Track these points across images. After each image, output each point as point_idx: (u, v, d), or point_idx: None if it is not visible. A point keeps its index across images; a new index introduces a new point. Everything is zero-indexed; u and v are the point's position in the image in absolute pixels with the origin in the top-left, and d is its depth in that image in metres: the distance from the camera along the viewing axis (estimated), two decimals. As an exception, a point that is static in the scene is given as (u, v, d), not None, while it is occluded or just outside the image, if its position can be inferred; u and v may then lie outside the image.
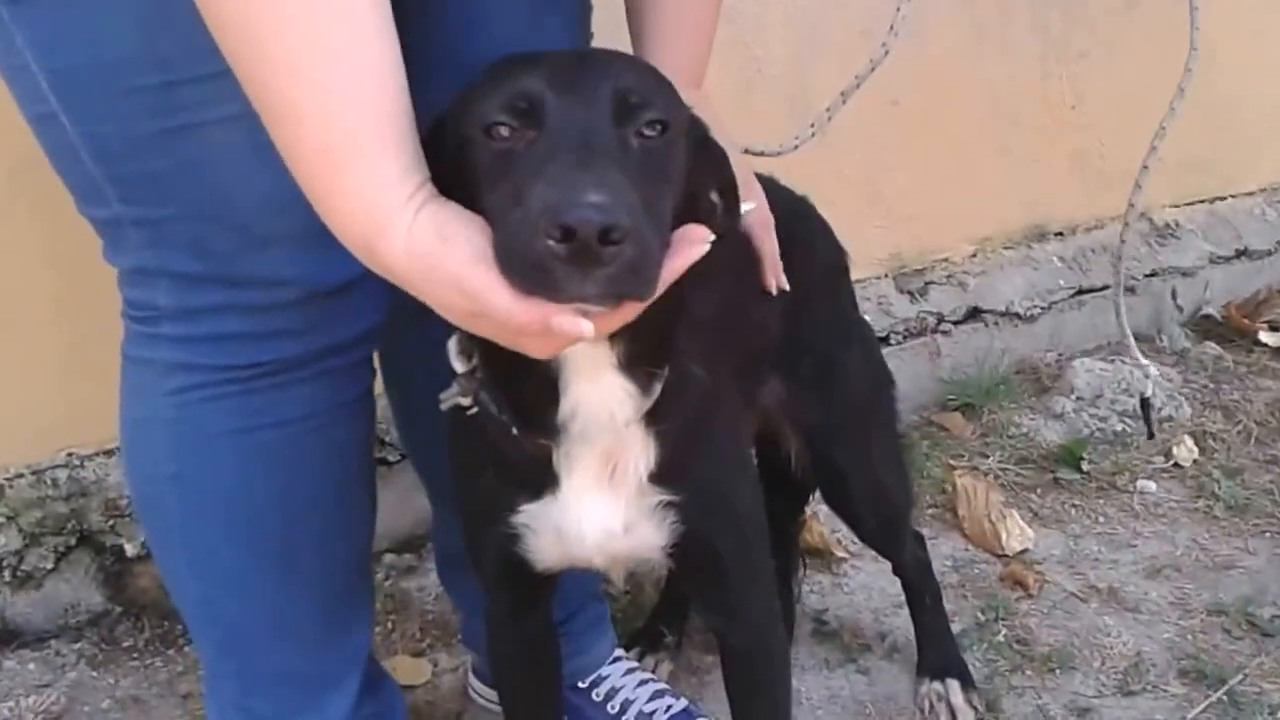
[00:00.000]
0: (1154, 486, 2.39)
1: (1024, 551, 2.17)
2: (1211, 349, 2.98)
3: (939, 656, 1.80)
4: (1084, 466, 2.43)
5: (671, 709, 1.63)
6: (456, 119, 0.94)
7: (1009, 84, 2.77)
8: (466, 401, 1.08)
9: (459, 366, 1.07)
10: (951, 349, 2.72)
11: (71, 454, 1.93)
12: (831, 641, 1.93)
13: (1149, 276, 3.06)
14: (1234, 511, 2.30)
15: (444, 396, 1.09)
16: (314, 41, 0.87)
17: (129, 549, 1.93)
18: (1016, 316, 2.82)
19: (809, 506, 1.85)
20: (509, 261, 0.84)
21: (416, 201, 0.90)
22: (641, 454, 1.11)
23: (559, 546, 1.16)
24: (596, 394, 1.04)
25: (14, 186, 1.76)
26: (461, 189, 0.92)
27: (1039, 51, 2.81)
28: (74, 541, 1.91)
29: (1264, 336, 3.01)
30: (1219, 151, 3.19)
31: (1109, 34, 2.88)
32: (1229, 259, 3.22)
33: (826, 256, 1.57)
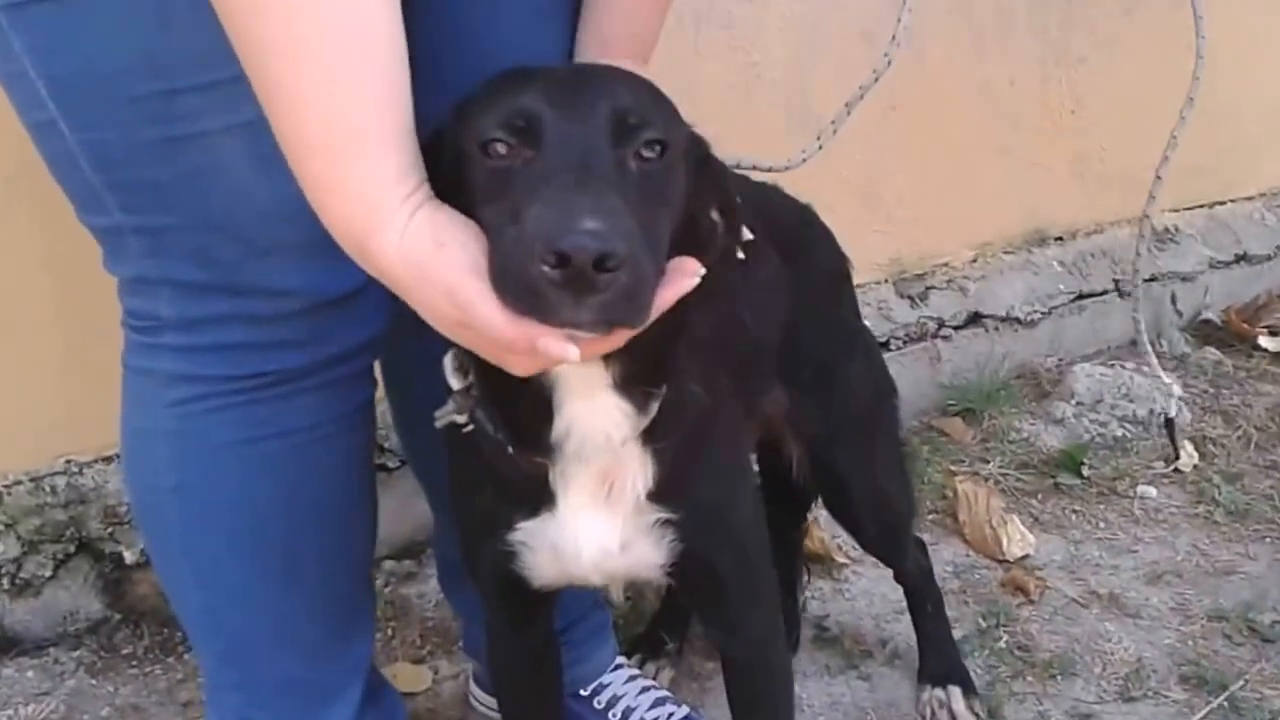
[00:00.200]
0: (1154, 492, 2.39)
1: (1025, 557, 2.17)
2: (1211, 354, 2.98)
3: (941, 663, 1.80)
4: (1084, 472, 2.43)
5: (673, 716, 1.63)
6: (454, 132, 0.93)
7: (1008, 88, 2.77)
8: (462, 419, 1.07)
9: (454, 383, 1.06)
10: (952, 354, 2.71)
11: (70, 461, 1.93)
12: (833, 648, 1.92)
13: (1148, 281, 3.05)
14: (1234, 517, 2.30)
15: (439, 414, 1.08)
16: (322, 33, 0.87)
17: (128, 556, 1.92)
18: (1017, 321, 2.82)
19: (810, 513, 1.85)
20: (502, 281, 0.84)
21: (413, 202, 0.89)
22: (639, 472, 1.10)
23: (556, 564, 1.16)
24: (591, 413, 1.03)
25: (12, 192, 1.76)
26: (458, 200, 0.92)
27: (1038, 55, 2.81)
28: (73, 549, 1.91)
29: (1263, 341, 3.01)
30: (1218, 156, 3.19)
31: (1108, 37, 2.88)
32: (1228, 264, 3.22)
33: (828, 264, 1.57)
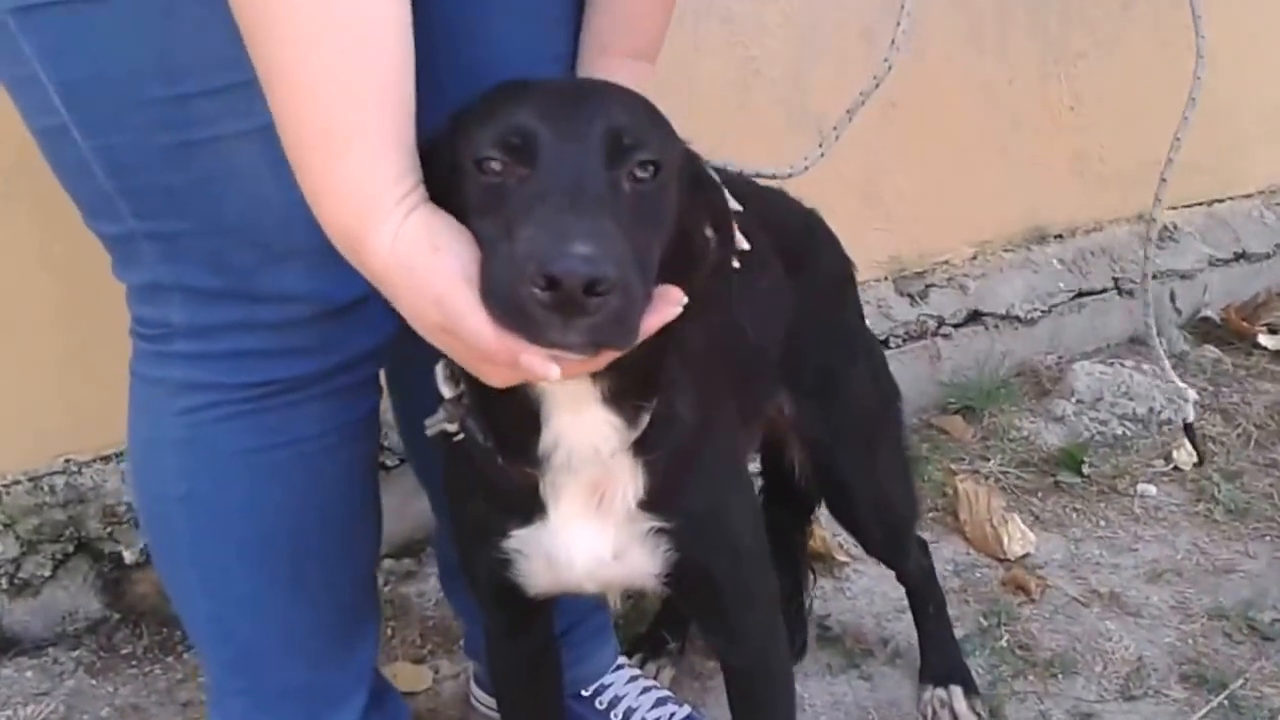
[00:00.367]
0: (1154, 490, 2.39)
1: (1025, 556, 2.17)
2: (1210, 352, 2.98)
3: (942, 662, 1.80)
4: (1084, 470, 2.43)
5: (675, 716, 1.63)
6: (450, 144, 0.93)
7: (1007, 86, 2.77)
8: (453, 427, 1.07)
9: (446, 392, 1.06)
10: (952, 352, 2.71)
11: (69, 460, 1.92)
12: (834, 647, 1.92)
13: (1148, 279, 3.06)
14: (1234, 515, 2.30)
15: (430, 422, 1.08)
16: (330, 26, 0.87)
17: (127, 556, 1.92)
18: (1016, 319, 2.82)
19: (813, 515, 1.85)
20: (491, 297, 0.84)
21: (409, 203, 0.89)
22: (629, 482, 1.10)
23: (550, 572, 1.16)
24: (579, 427, 1.03)
25: (11, 192, 1.75)
26: (451, 210, 0.91)
27: (1037, 53, 2.80)
28: (72, 548, 1.90)
29: (1263, 339, 3.01)
30: (1217, 154, 3.18)
31: (1107, 34, 2.88)
32: (1228, 262, 3.22)
33: (833, 268, 1.57)
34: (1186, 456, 2.47)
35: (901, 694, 1.82)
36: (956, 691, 1.75)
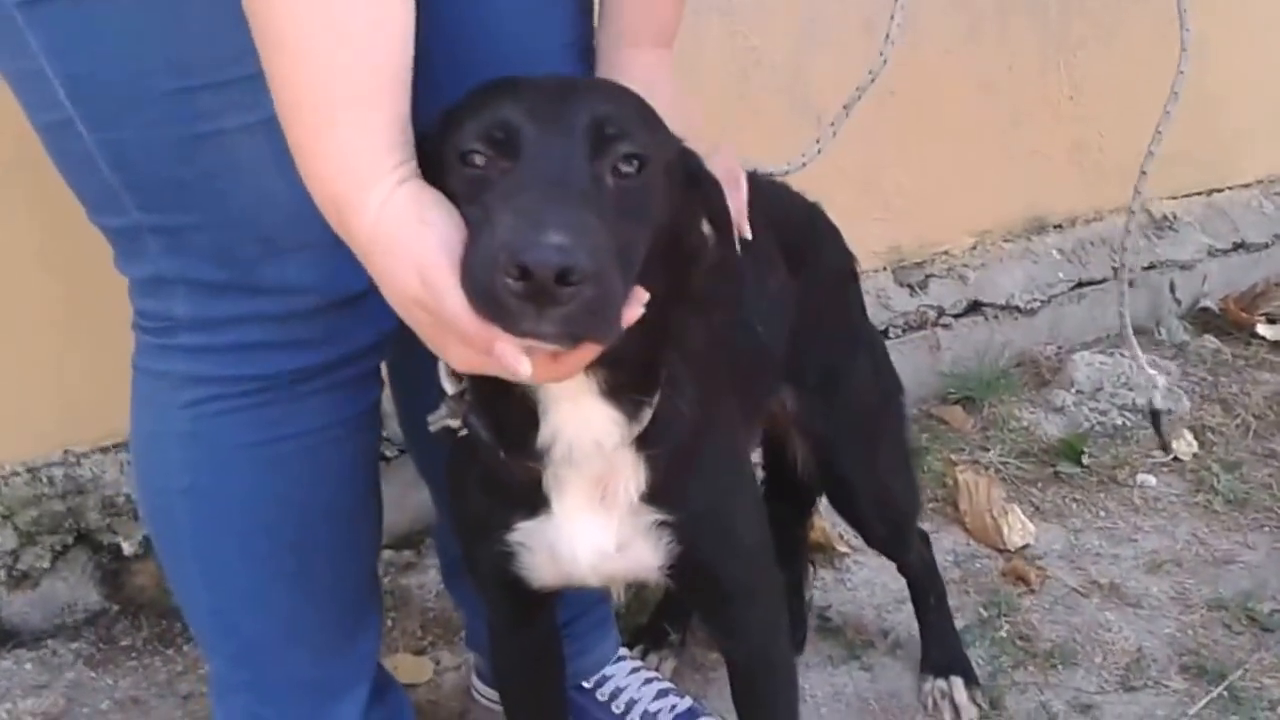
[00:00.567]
0: (1154, 480, 2.39)
1: (1025, 547, 2.17)
2: (1210, 342, 2.98)
3: (943, 654, 1.80)
4: (1084, 460, 2.43)
5: (676, 708, 1.63)
6: (437, 140, 0.93)
7: (1007, 75, 2.76)
8: (455, 423, 1.07)
9: (448, 387, 1.06)
10: (951, 342, 2.71)
11: (68, 452, 1.92)
12: (835, 638, 1.93)
13: (1147, 269, 3.06)
14: (1233, 505, 2.30)
15: (433, 418, 1.08)
16: None
17: (126, 547, 1.92)
18: (1016, 310, 2.81)
19: (814, 508, 1.85)
20: (470, 284, 0.83)
21: (400, 174, 0.89)
22: (632, 477, 1.10)
23: (553, 566, 1.16)
24: (577, 420, 1.03)
25: (9, 184, 1.74)
26: None
27: (1037, 41, 2.79)
28: (71, 540, 1.90)
29: (1261, 329, 3.00)
30: (1216, 144, 3.18)
31: (1107, 23, 2.87)
32: (1226, 252, 3.22)
33: (835, 263, 1.57)
34: (1186, 447, 2.48)
35: (902, 685, 1.82)
36: (957, 682, 1.76)
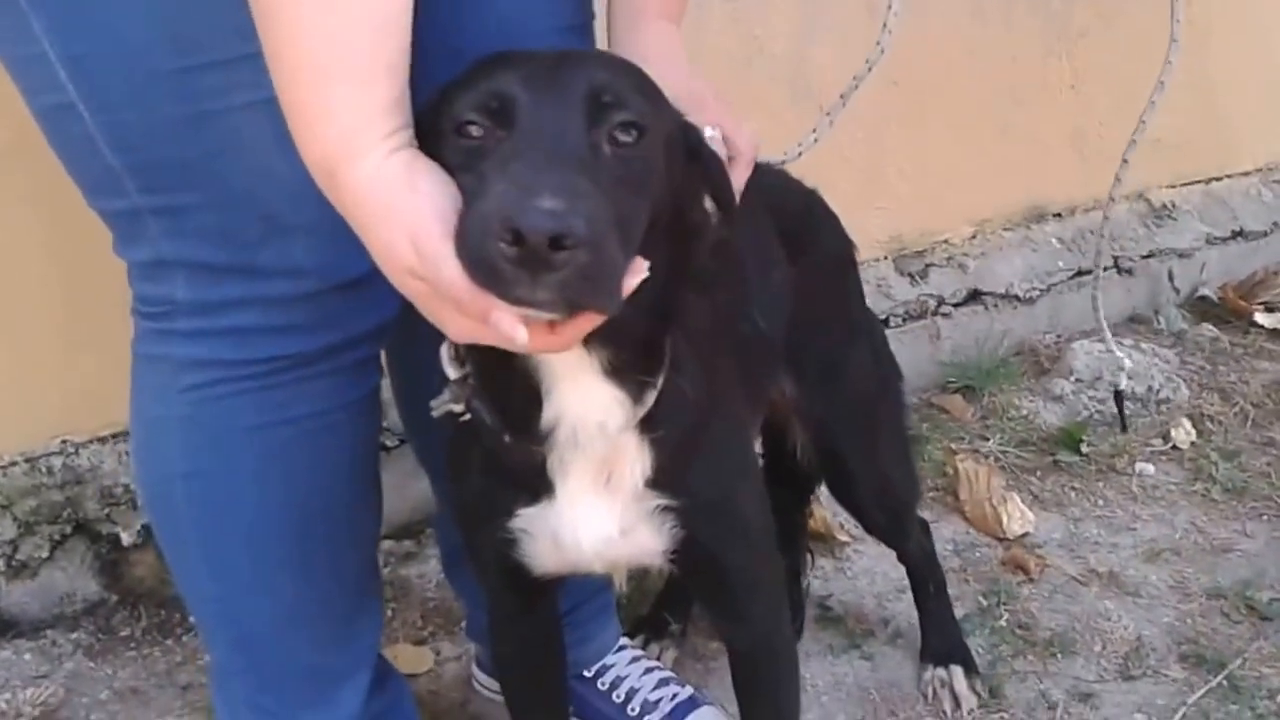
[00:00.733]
0: (1152, 469, 2.39)
1: (1025, 535, 2.17)
2: (1208, 330, 2.98)
3: (943, 642, 1.80)
4: (1083, 449, 2.43)
5: (677, 697, 1.63)
6: (434, 114, 0.93)
7: (1009, 64, 2.75)
8: (459, 408, 1.07)
9: (451, 372, 1.05)
10: (951, 331, 2.71)
11: (66, 441, 1.91)
12: (835, 627, 1.93)
13: (1145, 258, 3.06)
14: (1231, 494, 2.30)
15: (436, 403, 1.08)
16: None
17: (125, 537, 1.91)
18: (1016, 299, 2.81)
19: (813, 495, 1.85)
20: (464, 251, 0.83)
21: (394, 142, 0.88)
22: (636, 460, 1.10)
23: (556, 552, 1.15)
24: (581, 402, 1.03)
25: (7, 173, 1.73)
26: None
27: (1039, 30, 2.78)
28: (70, 530, 1.89)
29: (1260, 318, 3.01)
30: (1215, 132, 3.18)
31: (1109, 12, 2.86)
32: (1225, 240, 3.22)
33: (834, 249, 1.56)
34: (1184, 435, 2.48)
35: (902, 674, 1.82)
36: (957, 671, 1.76)
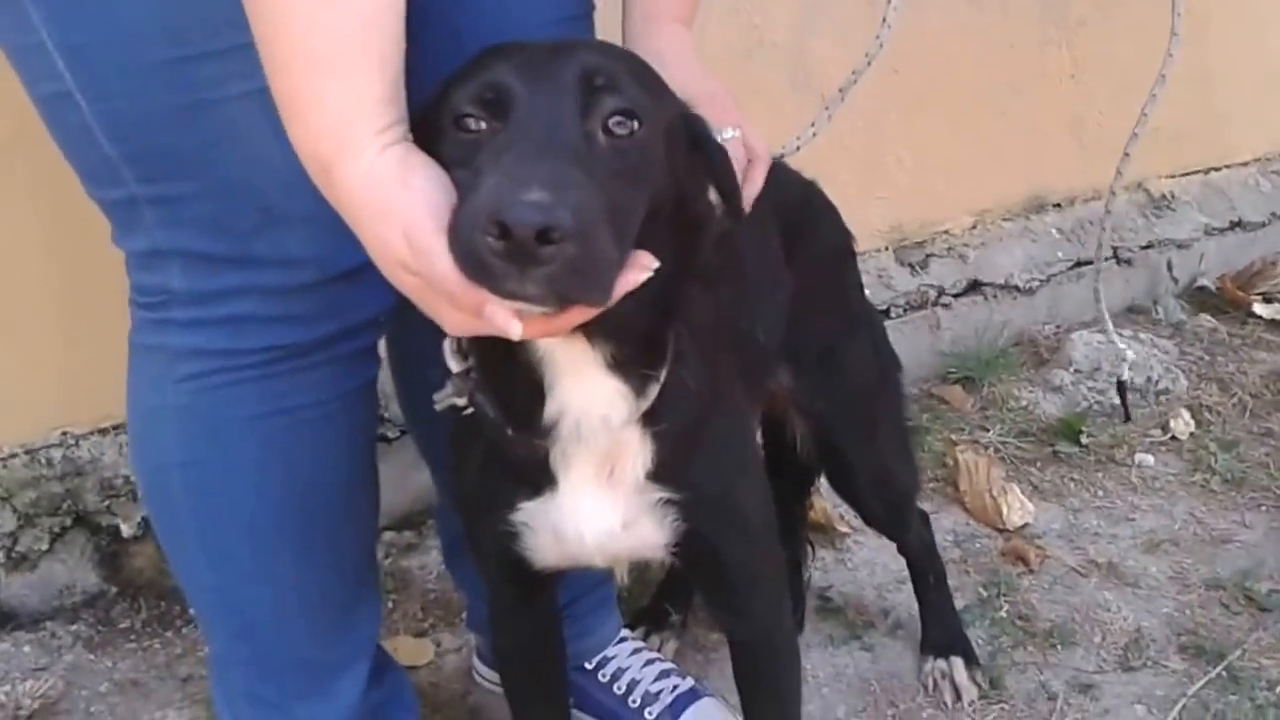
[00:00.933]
0: (1151, 460, 2.39)
1: (1025, 526, 2.17)
2: (1207, 321, 2.99)
3: (943, 634, 1.80)
4: (1083, 440, 2.43)
5: (678, 688, 1.63)
6: (433, 110, 0.92)
7: (1008, 53, 2.74)
8: (461, 401, 1.06)
9: (454, 366, 1.05)
10: (951, 322, 2.71)
11: (66, 433, 1.90)
12: (836, 618, 1.93)
13: (1144, 249, 3.06)
14: (1230, 485, 2.31)
15: (438, 397, 1.07)
16: None
17: (125, 529, 1.91)
18: (1015, 289, 2.81)
19: (813, 487, 1.85)
20: (455, 245, 0.82)
21: (389, 137, 0.88)
22: (638, 453, 1.10)
23: (558, 546, 1.15)
24: (585, 395, 1.02)
25: (7, 165, 1.72)
26: None
27: (1038, 19, 2.78)
28: (69, 522, 1.89)
29: (1258, 308, 3.01)
30: (1213, 122, 3.18)
31: (1107, 2, 2.85)
32: (1223, 230, 3.22)
33: (832, 241, 1.56)
34: (1183, 426, 2.48)
35: (903, 665, 1.83)
36: (957, 662, 1.76)
